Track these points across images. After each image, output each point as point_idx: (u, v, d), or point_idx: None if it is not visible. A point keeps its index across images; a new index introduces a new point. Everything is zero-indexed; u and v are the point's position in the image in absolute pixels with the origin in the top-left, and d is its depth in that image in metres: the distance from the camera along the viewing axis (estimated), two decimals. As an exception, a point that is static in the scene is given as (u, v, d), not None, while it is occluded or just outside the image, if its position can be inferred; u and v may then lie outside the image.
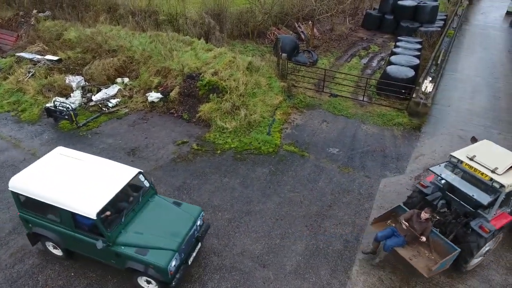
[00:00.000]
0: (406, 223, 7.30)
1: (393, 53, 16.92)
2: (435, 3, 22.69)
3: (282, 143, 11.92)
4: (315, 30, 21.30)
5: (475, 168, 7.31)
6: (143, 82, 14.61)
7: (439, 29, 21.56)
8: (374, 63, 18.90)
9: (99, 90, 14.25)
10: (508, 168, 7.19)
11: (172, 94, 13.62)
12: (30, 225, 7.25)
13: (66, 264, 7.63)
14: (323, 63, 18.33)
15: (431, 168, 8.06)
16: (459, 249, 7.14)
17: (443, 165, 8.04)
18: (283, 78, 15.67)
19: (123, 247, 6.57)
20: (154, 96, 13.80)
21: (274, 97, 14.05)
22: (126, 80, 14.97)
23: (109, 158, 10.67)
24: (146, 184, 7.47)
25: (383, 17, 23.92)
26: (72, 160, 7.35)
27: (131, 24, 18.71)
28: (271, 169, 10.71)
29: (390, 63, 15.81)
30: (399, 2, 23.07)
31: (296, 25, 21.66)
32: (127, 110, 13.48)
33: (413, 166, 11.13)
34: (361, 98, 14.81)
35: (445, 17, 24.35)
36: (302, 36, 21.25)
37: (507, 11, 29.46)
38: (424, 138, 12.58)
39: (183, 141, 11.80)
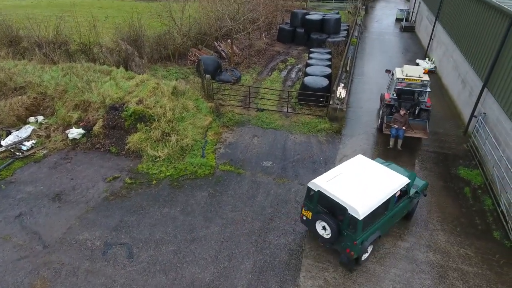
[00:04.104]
0: (395, 125, 12.83)
1: (308, 65, 18.33)
2: (337, 16, 25.16)
3: (217, 163, 12.11)
4: (234, 47, 22.05)
5: (411, 79, 13.41)
6: (60, 118, 13.63)
7: (344, 38, 23.97)
8: (293, 75, 20.23)
9: (9, 133, 12.92)
10: (423, 73, 13.62)
11: (96, 128, 12.95)
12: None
13: None
14: (246, 80, 19.06)
15: (397, 86, 13.59)
16: (426, 120, 13.29)
17: (394, 85, 13.81)
18: (210, 98, 15.94)
19: (411, 192, 9.26)
20: (75, 132, 12.96)
21: (203, 118, 14.21)
22: (40, 118, 13.81)
23: (31, 208, 9.98)
24: None
25: (295, 30, 25.76)
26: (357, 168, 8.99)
27: (38, 57, 17.33)
28: (210, 191, 10.82)
29: (306, 74, 17.10)
30: (307, 17, 25.12)
31: (216, 44, 22.19)
32: (45, 152, 12.43)
33: (339, 167, 12.19)
34: (285, 110, 15.76)
35: (347, 27, 27.12)
36: (223, 54, 21.82)
37: (396, 18, 33.97)
38: (345, 139, 13.87)
39: (114, 177, 11.28)
